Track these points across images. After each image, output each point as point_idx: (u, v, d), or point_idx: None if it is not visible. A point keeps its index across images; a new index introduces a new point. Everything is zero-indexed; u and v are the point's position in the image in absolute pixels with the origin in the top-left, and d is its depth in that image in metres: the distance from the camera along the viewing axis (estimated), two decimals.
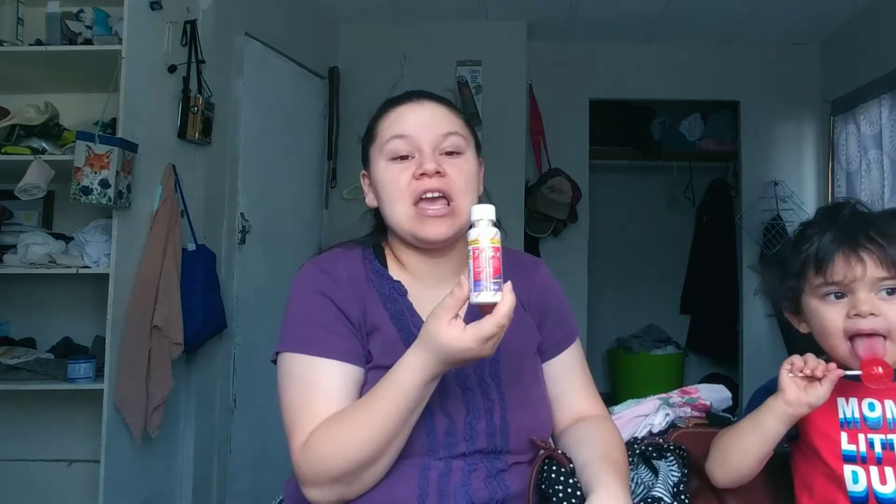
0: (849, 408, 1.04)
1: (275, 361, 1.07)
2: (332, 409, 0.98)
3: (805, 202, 3.90)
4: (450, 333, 0.86)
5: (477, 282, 0.86)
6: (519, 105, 3.80)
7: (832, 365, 1.00)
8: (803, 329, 1.12)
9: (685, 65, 4.04)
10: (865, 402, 1.04)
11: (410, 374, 0.90)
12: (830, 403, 1.04)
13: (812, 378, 1.00)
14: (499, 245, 0.87)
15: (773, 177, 3.93)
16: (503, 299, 0.86)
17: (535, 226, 3.88)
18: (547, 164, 3.95)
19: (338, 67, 3.66)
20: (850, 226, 1.05)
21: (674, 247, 4.87)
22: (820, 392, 0.99)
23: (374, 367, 1.02)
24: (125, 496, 2.19)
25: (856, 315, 1.02)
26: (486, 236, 0.87)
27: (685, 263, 4.84)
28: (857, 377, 1.00)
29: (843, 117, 3.54)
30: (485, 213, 0.89)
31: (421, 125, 1.06)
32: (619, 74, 4.06)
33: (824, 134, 3.83)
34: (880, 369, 0.98)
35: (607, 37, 3.97)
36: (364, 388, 1.02)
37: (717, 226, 4.51)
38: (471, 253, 0.87)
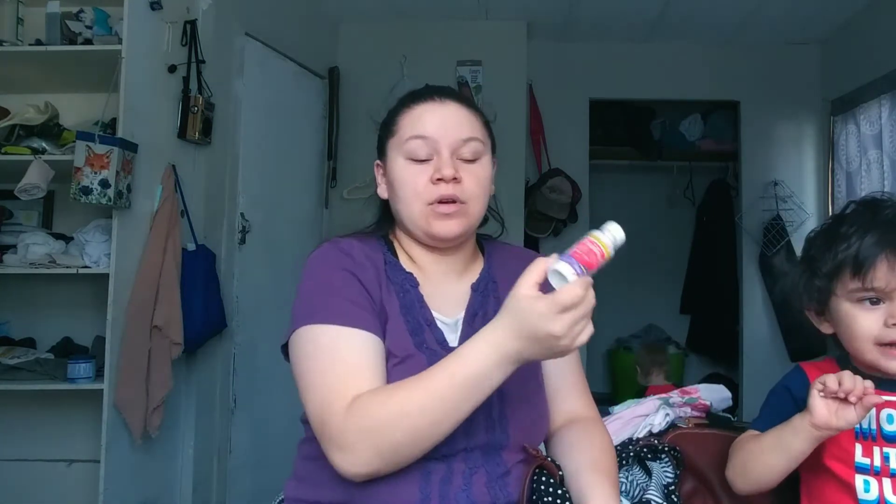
0: (865, 418, 0.99)
1: (284, 350, 1.05)
2: (369, 378, 0.94)
3: (805, 202, 3.90)
4: (527, 292, 0.85)
5: (569, 255, 0.86)
6: (519, 105, 3.80)
7: (869, 386, 0.92)
8: (825, 329, 1.07)
9: (685, 65, 4.03)
10: (884, 413, 1.00)
11: (477, 347, 0.88)
12: None
13: (845, 399, 0.93)
14: (602, 261, 0.87)
15: (773, 177, 3.93)
16: (578, 280, 0.84)
17: (535, 226, 3.88)
18: (547, 164, 3.95)
19: (338, 67, 3.66)
20: (893, 227, 0.99)
21: (674, 247, 4.87)
22: (852, 417, 0.93)
23: (387, 354, 1.01)
24: (125, 496, 2.20)
25: (894, 324, 0.97)
26: (607, 244, 0.88)
27: (685, 263, 4.84)
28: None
29: (843, 117, 3.54)
30: (616, 235, 0.90)
31: (442, 127, 1.06)
32: (619, 74, 4.06)
33: (824, 134, 3.83)
34: None
35: (607, 37, 3.97)
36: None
37: (717, 226, 4.51)
38: (587, 238, 0.88)
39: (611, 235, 0.89)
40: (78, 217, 2.35)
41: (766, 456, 1.03)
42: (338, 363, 0.95)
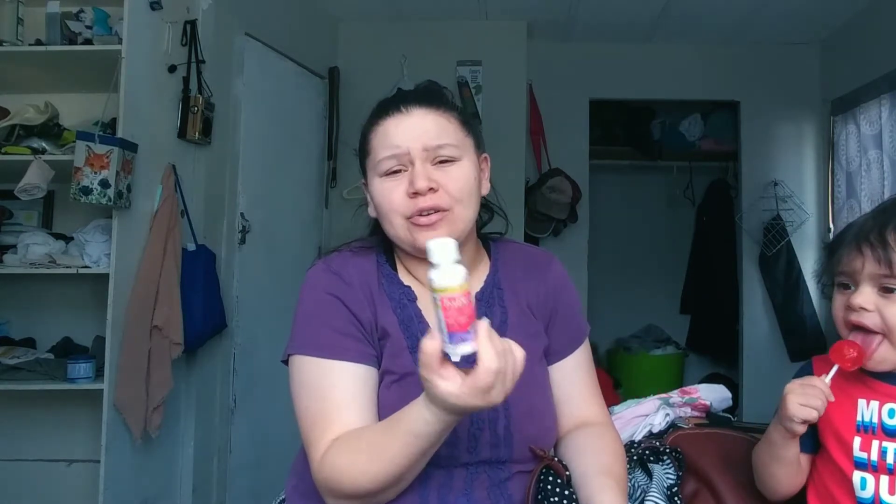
0: (868, 411, 1.02)
1: (285, 362, 1.05)
2: (347, 417, 0.96)
3: (805, 202, 3.90)
4: (446, 388, 0.79)
5: (452, 334, 0.77)
6: (519, 105, 3.79)
7: (825, 388, 0.99)
8: None
9: (685, 65, 4.03)
10: (886, 407, 1.01)
11: (424, 424, 0.85)
12: (850, 404, 1.02)
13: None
14: (468, 289, 0.78)
15: (773, 177, 3.93)
16: (481, 344, 0.78)
17: (535, 226, 3.88)
18: (547, 164, 3.95)
19: (338, 67, 3.66)
20: (872, 218, 1.02)
21: (674, 247, 4.87)
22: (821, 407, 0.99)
23: (385, 372, 1.01)
24: (125, 496, 2.20)
25: (848, 308, 1.01)
26: (456, 281, 0.76)
27: (685, 263, 4.83)
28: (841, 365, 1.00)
29: (843, 117, 3.53)
30: (447, 253, 0.77)
31: (411, 137, 1.02)
32: (619, 74, 4.05)
33: (824, 134, 3.83)
34: (853, 352, 0.98)
35: (607, 37, 3.97)
36: (379, 389, 1.01)
37: (717, 226, 4.51)
38: (439, 302, 0.76)
39: (444, 269, 0.77)
40: (78, 217, 2.36)
41: (769, 469, 1.08)
42: (318, 402, 0.98)
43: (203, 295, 2.45)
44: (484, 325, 0.79)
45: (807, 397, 0.98)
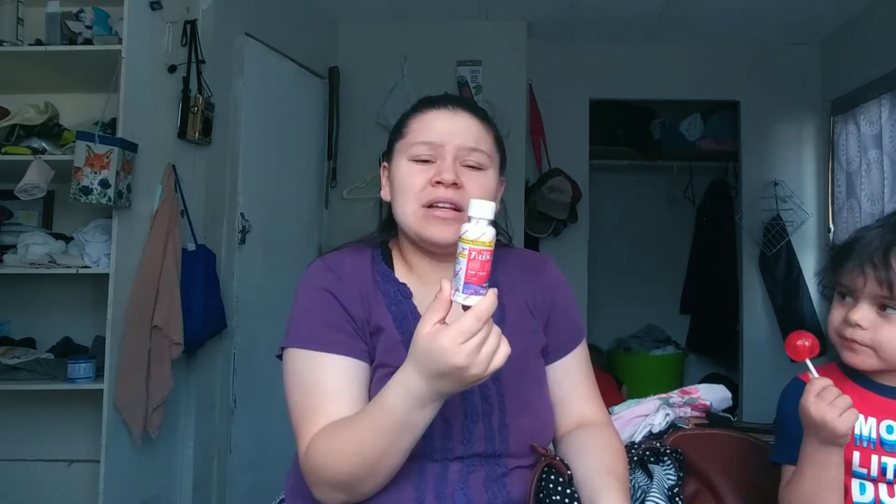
0: (866, 426, 1.02)
1: (280, 357, 1.07)
2: (334, 409, 0.97)
3: (805, 202, 3.90)
4: (427, 330, 0.83)
5: (468, 284, 0.82)
6: (519, 105, 3.79)
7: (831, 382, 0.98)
8: None
9: (685, 65, 4.03)
10: (884, 423, 1.01)
11: (392, 392, 0.88)
12: None
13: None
14: (493, 248, 0.84)
15: (773, 177, 3.93)
16: (485, 297, 0.83)
17: (535, 226, 3.88)
18: (547, 164, 3.95)
19: (338, 67, 3.66)
20: (880, 237, 1.02)
21: (674, 247, 4.87)
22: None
23: (379, 366, 1.02)
24: (125, 496, 2.20)
25: (845, 321, 1.02)
26: (487, 237, 0.83)
27: (685, 263, 4.83)
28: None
29: (843, 117, 3.53)
30: (485, 211, 0.85)
31: (450, 132, 1.07)
32: (619, 74, 4.05)
33: (824, 134, 3.83)
34: (806, 342, 1.01)
35: (607, 37, 3.97)
36: (371, 385, 1.02)
37: (717, 226, 4.51)
38: (466, 252, 0.83)
39: (479, 224, 0.84)
40: (78, 217, 2.36)
41: (827, 499, 1.00)
42: (308, 394, 1.00)
43: (203, 295, 2.45)
44: (494, 291, 0.84)
45: (835, 407, 0.94)
